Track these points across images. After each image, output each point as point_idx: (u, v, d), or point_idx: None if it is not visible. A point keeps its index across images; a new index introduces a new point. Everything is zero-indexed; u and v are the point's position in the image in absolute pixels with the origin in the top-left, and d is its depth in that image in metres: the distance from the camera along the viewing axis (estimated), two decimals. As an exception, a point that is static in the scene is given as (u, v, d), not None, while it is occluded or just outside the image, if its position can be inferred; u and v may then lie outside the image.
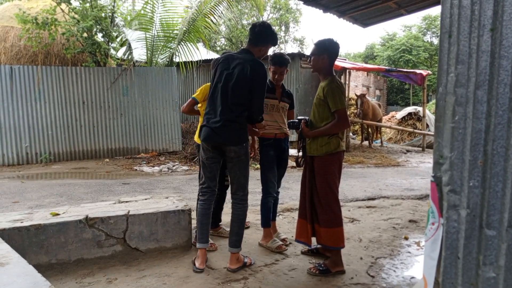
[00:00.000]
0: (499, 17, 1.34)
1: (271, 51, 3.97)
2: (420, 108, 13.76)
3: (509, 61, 1.33)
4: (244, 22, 27.78)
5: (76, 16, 8.98)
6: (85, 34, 8.97)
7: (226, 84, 2.85)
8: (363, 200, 5.48)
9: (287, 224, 4.26)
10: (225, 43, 28.04)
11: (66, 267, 2.95)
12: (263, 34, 2.95)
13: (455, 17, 1.45)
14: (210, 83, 3.04)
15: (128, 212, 3.22)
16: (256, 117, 2.98)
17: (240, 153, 2.88)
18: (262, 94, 2.90)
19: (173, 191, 5.96)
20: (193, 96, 3.45)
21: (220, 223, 3.85)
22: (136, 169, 8.14)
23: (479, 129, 1.39)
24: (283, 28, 29.92)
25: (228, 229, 3.61)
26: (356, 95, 12.11)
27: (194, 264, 2.99)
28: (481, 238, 1.37)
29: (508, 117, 1.33)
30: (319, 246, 3.31)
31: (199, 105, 3.51)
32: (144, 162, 8.90)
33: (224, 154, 2.94)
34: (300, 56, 10.88)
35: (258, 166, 3.43)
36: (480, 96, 1.40)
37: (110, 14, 9.59)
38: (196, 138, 3.53)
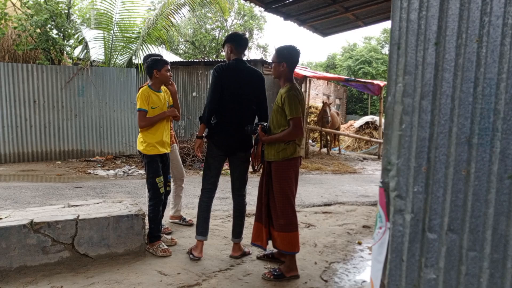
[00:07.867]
0: (443, 32, 1.42)
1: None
2: (377, 118, 14.28)
3: (451, 74, 1.41)
4: (208, 26, 27.65)
5: (29, 10, 8.55)
6: (38, 30, 8.55)
7: (241, 97, 3.18)
8: (319, 205, 5.58)
9: (244, 229, 4.23)
10: (188, 47, 27.76)
11: (7, 274, 2.76)
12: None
13: (404, 30, 1.51)
14: (215, 89, 3.14)
15: (78, 216, 3.08)
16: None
17: (247, 156, 3.33)
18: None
19: (128, 195, 5.77)
20: (140, 108, 3.27)
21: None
22: (90, 172, 7.82)
23: (424, 137, 1.46)
24: (247, 34, 30.10)
25: (168, 237, 3.68)
26: (323, 103, 12.36)
27: (192, 254, 3.26)
28: (423, 242, 1.43)
29: (449, 127, 1.40)
30: (274, 250, 3.32)
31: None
32: (99, 165, 8.57)
33: (229, 156, 3.32)
34: (262, 62, 10.99)
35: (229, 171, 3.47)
36: (425, 106, 1.47)
37: (66, 10, 9.21)
38: (143, 148, 3.38)
